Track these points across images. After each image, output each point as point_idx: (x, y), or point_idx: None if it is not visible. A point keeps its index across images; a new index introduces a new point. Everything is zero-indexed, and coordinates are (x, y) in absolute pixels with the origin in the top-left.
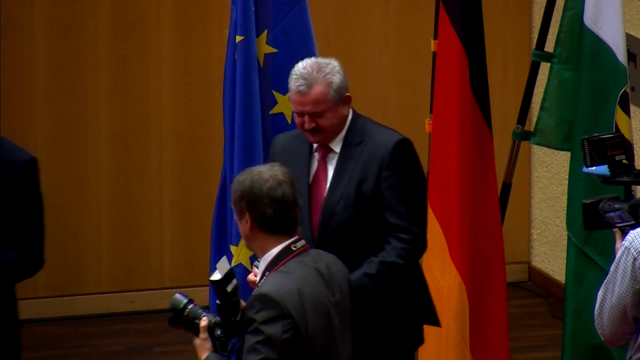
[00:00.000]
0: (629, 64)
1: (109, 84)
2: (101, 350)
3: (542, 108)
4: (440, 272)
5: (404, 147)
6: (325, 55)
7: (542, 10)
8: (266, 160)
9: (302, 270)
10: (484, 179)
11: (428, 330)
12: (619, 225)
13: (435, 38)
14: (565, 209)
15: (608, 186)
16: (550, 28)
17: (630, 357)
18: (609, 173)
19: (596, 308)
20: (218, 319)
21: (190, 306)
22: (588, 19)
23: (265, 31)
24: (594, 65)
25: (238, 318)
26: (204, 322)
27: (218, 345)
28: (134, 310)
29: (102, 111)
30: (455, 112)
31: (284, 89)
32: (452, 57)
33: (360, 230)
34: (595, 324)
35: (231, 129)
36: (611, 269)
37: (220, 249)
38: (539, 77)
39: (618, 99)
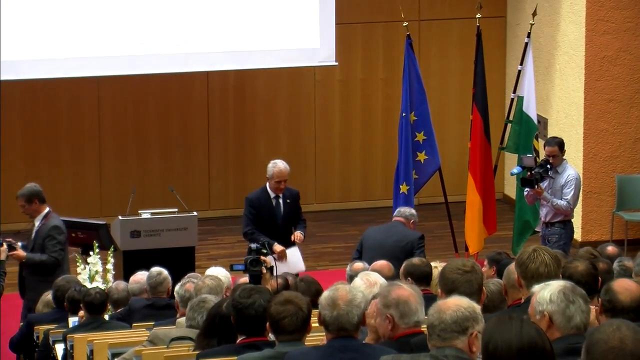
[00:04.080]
0: (538, 124)
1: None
2: None
3: (508, 139)
4: (479, 198)
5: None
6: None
7: (508, 105)
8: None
9: None
10: (488, 163)
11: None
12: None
13: (472, 113)
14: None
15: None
16: (512, 109)
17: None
18: (521, 168)
19: (570, 204)
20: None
21: None
22: (524, 106)
23: (413, 112)
24: (525, 124)
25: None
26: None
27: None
28: None
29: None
30: (478, 138)
31: (419, 130)
32: (476, 117)
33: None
34: (569, 210)
35: (401, 150)
36: (571, 189)
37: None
38: (507, 129)
39: (534, 136)
